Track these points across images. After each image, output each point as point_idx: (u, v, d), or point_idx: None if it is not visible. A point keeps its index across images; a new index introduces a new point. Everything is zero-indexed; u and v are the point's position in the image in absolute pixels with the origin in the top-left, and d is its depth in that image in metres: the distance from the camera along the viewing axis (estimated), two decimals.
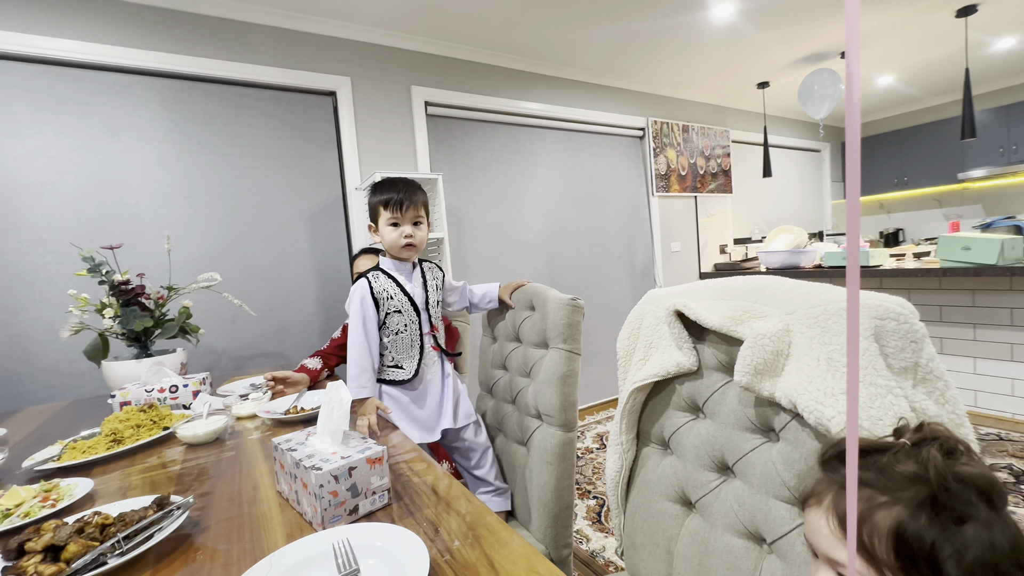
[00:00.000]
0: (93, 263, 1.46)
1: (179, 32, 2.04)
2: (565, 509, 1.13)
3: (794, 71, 3.63)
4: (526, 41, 2.77)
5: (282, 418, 1.14)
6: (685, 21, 2.71)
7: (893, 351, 0.55)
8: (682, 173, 3.86)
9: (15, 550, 0.59)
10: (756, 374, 0.64)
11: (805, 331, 0.63)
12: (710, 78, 3.65)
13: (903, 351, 0.55)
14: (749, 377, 0.64)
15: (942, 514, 0.36)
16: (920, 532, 0.36)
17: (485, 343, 1.48)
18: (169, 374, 1.39)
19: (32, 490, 0.78)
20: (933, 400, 0.54)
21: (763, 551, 0.66)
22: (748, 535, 0.67)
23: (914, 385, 0.55)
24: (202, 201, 2.12)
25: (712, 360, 0.76)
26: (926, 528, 0.36)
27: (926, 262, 2.61)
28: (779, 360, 0.64)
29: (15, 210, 1.79)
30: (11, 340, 1.79)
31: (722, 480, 0.73)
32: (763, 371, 0.64)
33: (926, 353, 0.55)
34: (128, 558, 0.58)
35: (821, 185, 5.32)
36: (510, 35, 2.68)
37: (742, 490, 0.68)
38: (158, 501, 0.68)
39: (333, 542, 0.57)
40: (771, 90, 3.99)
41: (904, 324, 0.55)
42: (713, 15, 2.67)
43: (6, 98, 1.77)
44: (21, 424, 1.39)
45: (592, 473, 2.41)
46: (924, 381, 0.55)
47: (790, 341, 0.64)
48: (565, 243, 3.31)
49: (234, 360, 2.18)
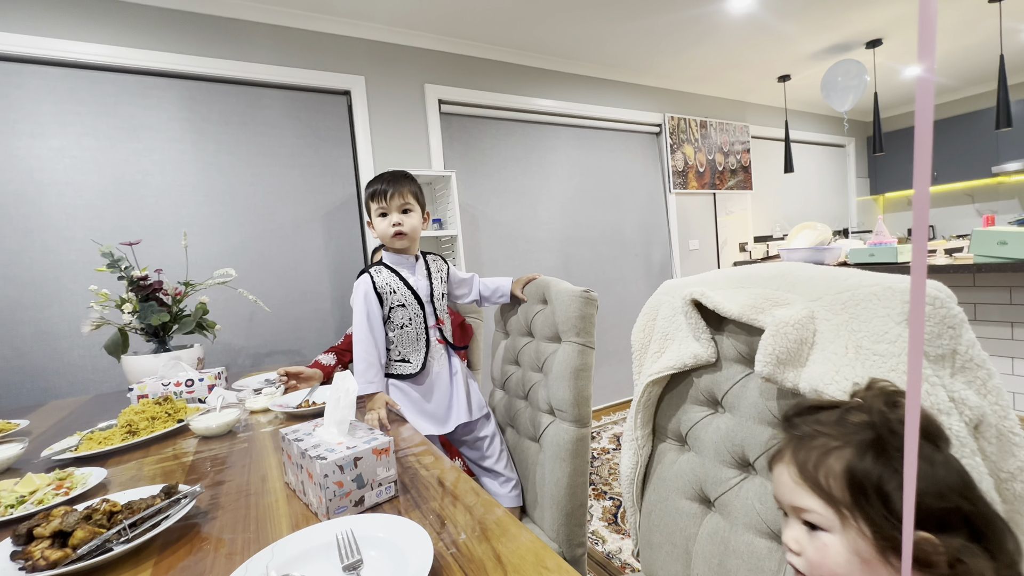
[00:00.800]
0: (112, 259, 1.48)
1: (196, 34, 2.08)
2: (579, 507, 1.10)
3: (817, 63, 3.53)
4: (540, 37, 2.75)
5: (294, 412, 1.14)
6: (702, 13, 2.66)
7: (929, 337, 0.51)
8: (700, 170, 3.79)
9: (24, 535, 0.59)
10: (779, 364, 0.60)
11: (832, 318, 0.59)
12: (729, 72, 3.57)
13: (940, 337, 0.51)
14: (771, 368, 0.60)
15: (886, 453, 0.40)
16: (867, 469, 0.40)
17: (497, 338, 1.46)
18: (186, 368, 1.41)
19: (47, 478, 0.79)
20: (974, 390, 0.50)
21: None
22: (771, 535, 0.64)
23: (952, 374, 0.51)
24: (219, 199, 2.15)
25: (731, 351, 0.72)
26: (872, 465, 0.40)
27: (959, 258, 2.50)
28: (803, 349, 0.61)
29: (40, 209, 1.84)
30: (39, 336, 1.84)
31: (743, 477, 0.69)
32: (786, 361, 0.61)
33: (965, 340, 0.51)
34: (133, 545, 0.58)
35: (846, 181, 5.17)
36: (524, 32, 2.66)
37: (764, 488, 0.65)
38: (166, 490, 0.68)
39: (337, 532, 0.56)
40: (792, 83, 3.89)
41: (940, 309, 0.51)
42: (732, 6, 2.61)
43: (31, 100, 1.83)
44: (45, 416, 1.43)
45: (608, 473, 2.37)
46: (963, 370, 0.51)
47: (815, 329, 0.61)
48: (581, 241, 3.27)
49: (251, 357, 2.21)
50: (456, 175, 2.55)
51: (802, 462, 0.44)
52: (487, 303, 1.43)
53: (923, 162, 0.24)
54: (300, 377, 1.42)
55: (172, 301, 1.56)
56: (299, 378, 1.42)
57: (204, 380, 1.36)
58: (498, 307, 1.46)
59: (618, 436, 2.84)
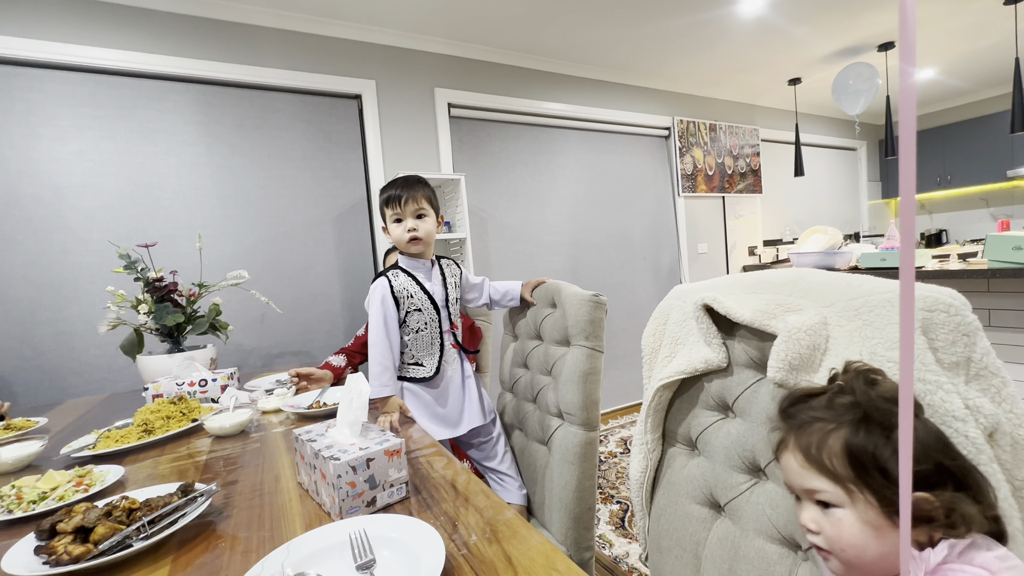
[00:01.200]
0: (129, 260, 1.51)
1: (210, 39, 2.12)
2: (587, 511, 1.10)
3: (828, 66, 3.50)
4: (549, 41, 2.76)
5: (305, 412, 1.16)
6: (713, 17, 2.66)
7: (943, 345, 0.51)
8: (709, 173, 3.77)
9: (48, 530, 0.61)
10: (791, 370, 0.60)
11: (845, 324, 0.59)
12: (738, 75, 3.56)
13: (954, 345, 0.51)
14: (783, 373, 0.61)
15: (875, 427, 0.44)
16: (862, 443, 0.44)
17: (506, 341, 1.47)
18: (199, 369, 1.43)
19: (67, 475, 0.81)
20: (988, 397, 0.50)
21: (798, 557, 0.62)
22: (782, 540, 0.64)
23: (967, 381, 0.51)
24: (232, 202, 2.18)
25: (743, 356, 0.72)
26: (865, 439, 0.44)
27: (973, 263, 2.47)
28: (816, 355, 0.61)
29: (59, 212, 1.88)
30: (57, 336, 1.88)
31: (753, 482, 0.69)
32: (798, 367, 0.61)
33: (980, 347, 0.51)
34: (152, 542, 0.59)
35: (857, 184, 5.12)
36: (533, 35, 2.68)
37: (775, 493, 0.65)
38: (183, 488, 0.69)
39: (350, 532, 0.57)
40: (803, 86, 3.86)
41: (955, 316, 0.51)
42: (742, 9, 2.61)
43: (52, 105, 1.87)
44: (63, 415, 1.46)
45: (615, 478, 2.37)
46: (978, 377, 0.51)
47: (828, 335, 0.61)
48: (589, 244, 3.27)
49: (262, 358, 2.23)
50: (465, 178, 2.57)
51: (805, 447, 0.48)
52: (496, 306, 1.43)
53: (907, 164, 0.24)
54: (311, 378, 1.43)
55: (186, 302, 1.59)
56: (310, 379, 1.43)
57: (217, 380, 1.38)
58: (507, 310, 1.47)
59: (625, 440, 2.83)
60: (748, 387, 0.71)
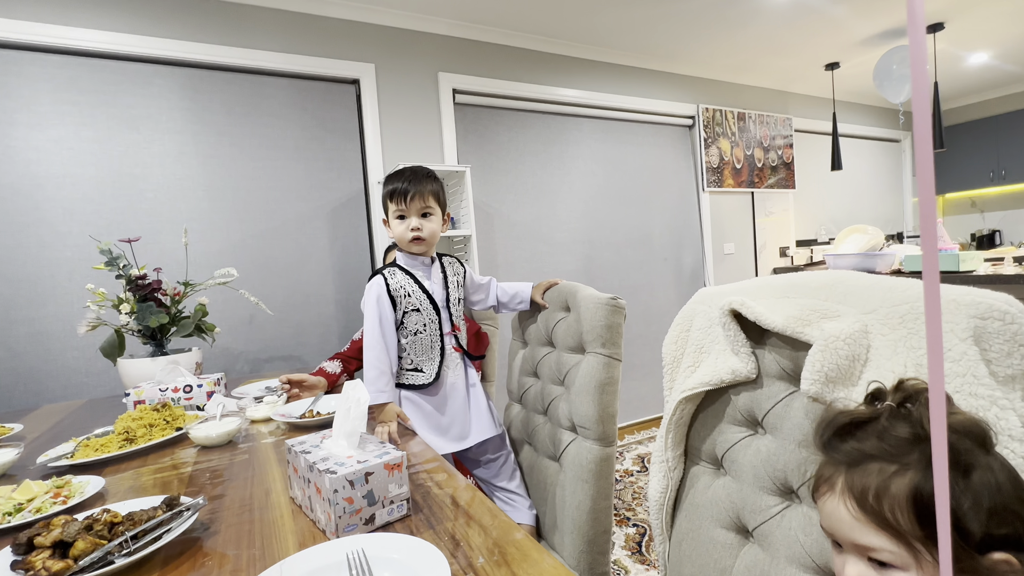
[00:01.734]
0: (110, 256, 1.54)
1: (198, 20, 2.15)
2: (602, 533, 1.10)
3: (869, 49, 3.48)
4: (563, 22, 2.77)
5: (297, 422, 1.17)
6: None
7: (997, 356, 0.51)
8: (737, 166, 3.76)
9: (25, 544, 0.62)
10: (827, 382, 0.60)
11: (888, 333, 0.59)
12: (770, 59, 3.54)
13: (1010, 356, 0.50)
14: (819, 386, 0.60)
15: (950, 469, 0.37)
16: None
17: (514, 348, 1.47)
18: (184, 373, 1.45)
19: (44, 485, 0.82)
20: None
21: None
22: (816, 569, 0.63)
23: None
24: (220, 195, 2.21)
25: (774, 367, 0.72)
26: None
27: None
28: (855, 366, 0.60)
29: (37, 204, 1.92)
30: (33, 337, 1.91)
31: (785, 505, 0.69)
32: (836, 379, 0.60)
33: None
34: (135, 558, 0.60)
35: (901, 179, 5.07)
36: (545, 16, 2.68)
37: (809, 518, 0.65)
38: (168, 501, 0.70)
39: (347, 551, 0.57)
40: (841, 71, 3.84)
41: (1011, 324, 0.51)
42: None
43: (29, 89, 1.91)
44: (39, 421, 1.48)
45: (632, 498, 2.36)
46: None
47: (869, 345, 0.60)
48: (604, 243, 3.27)
49: (250, 362, 2.26)
50: (471, 170, 2.58)
51: (860, 493, 0.42)
52: (504, 309, 1.44)
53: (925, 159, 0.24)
54: (303, 385, 1.44)
55: (171, 302, 1.61)
56: (302, 386, 1.44)
57: (203, 386, 1.40)
58: (515, 314, 1.47)
59: (643, 457, 2.82)
60: (779, 401, 0.71)
